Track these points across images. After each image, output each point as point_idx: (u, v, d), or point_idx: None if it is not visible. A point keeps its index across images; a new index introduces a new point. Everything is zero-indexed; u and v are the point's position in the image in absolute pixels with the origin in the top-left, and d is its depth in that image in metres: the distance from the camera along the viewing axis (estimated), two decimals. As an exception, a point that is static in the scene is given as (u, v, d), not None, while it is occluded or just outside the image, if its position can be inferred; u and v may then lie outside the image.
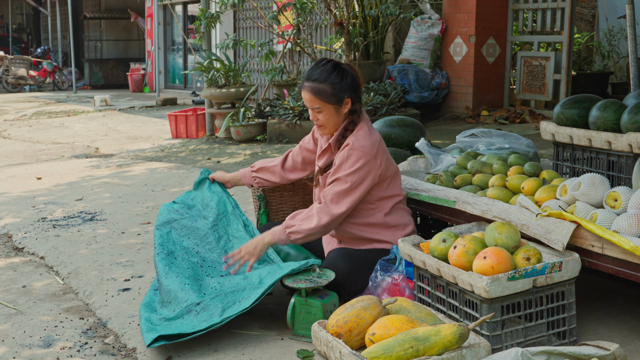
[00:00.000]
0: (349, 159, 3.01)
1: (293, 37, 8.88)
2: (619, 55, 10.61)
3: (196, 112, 9.53)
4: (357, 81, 3.12)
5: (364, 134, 3.07)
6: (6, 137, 10.18)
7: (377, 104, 7.88)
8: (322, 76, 3.05)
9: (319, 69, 3.07)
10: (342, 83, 3.05)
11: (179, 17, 16.21)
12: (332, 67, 3.07)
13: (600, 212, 2.73)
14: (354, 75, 3.11)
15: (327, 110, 3.06)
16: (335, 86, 3.04)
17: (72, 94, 17.64)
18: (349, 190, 3.02)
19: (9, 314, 3.28)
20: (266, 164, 3.48)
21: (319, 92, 3.03)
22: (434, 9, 9.26)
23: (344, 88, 3.05)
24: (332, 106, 3.06)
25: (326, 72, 3.05)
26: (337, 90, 3.04)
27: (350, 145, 3.03)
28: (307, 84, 3.06)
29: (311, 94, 3.05)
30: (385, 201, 3.15)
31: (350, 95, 3.08)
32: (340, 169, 3.03)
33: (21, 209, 5.36)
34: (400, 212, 3.20)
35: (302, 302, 2.80)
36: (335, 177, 3.04)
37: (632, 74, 5.54)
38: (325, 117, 3.08)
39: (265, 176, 3.48)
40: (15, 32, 26.56)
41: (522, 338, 2.53)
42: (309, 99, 3.07)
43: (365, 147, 3.02)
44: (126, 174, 6.81)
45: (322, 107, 3.06)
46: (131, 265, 3.88)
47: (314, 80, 3.05)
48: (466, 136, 3.92)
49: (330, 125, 3.11)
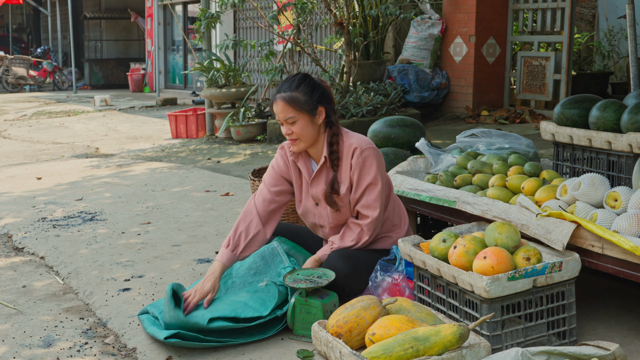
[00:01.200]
0: (367, 160, 3.02)
1: (293, 37, 8.88)
2: (619, 55, 10.61)
3: (196, 112, 9.53)
4: (329, 93, 3.09)
5: (356, 135, 3.09)
6: (6, 137, 10.18)
7: (377, 104, 7.88)
8: (293, 85, 3.01)
9: (289, 80, 3.04)
10: (315, 92, 3.02)
11: (179, 17, 16.21)
12: (302, 77, 3.05)
13: (600, 212, 2.73)
14: (325, 87, 3.08)
15: (302, 119, 3.00)
16: (307, 93, 3.00)
17: (72, 94, 17.64)
18: (382, 188, 3.05)
19: (9, 314, 3.28)
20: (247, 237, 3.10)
21: (292, 100, 2.98)
22: (434, 9, 9.25)
23: (317, 97, 3.02)
24: (307, 115, 3.00)
25: (297, 82, 3.02)
26: (309, 98, 3.00)
27: (358, 147, 3.02)
28: (278, 95, 3.01)
29: (284, 103, 2.99)
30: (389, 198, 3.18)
31: (324, 105, 3.04)
32: (364, 174, 3.02)
33: (21, 209, 5.36)
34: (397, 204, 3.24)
35: (302, 302, 2.80)
36: (366, 185, 3.03)
37: (632, 74, 5.54)
38: (299, 128, 3.00)
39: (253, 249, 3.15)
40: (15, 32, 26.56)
41: (522, 338, 2.53)
42: (281, 110, 3.00)
43: (369, 143, 3.06)
44: (126, 174, 6.81)
45: (296, 117, 2.99)
46: (131, 265, 3.88)
47: (285, 90, 3.01)
48: (466, 136, 3.92)
49: (306, 138, 3.03)
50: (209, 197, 5.54)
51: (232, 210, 5.04)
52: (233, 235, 3.11)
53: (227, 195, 5.59)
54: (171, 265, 3.84)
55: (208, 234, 4.44)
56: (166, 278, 3.62)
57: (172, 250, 4.13)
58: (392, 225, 3.18)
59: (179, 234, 4.49)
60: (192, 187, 5.97)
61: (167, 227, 4.67)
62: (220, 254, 3.09)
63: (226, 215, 4.90)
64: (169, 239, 4.38)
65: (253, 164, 6.91)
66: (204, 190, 5.83)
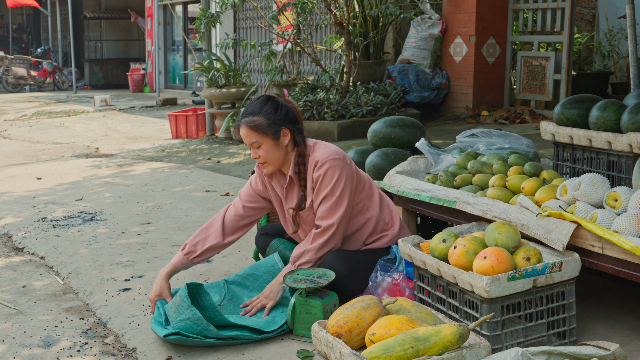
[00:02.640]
0: (327, 174, 2.98)
1: (293, 37, 8.88)
2: (619, 55, 10.61)
3: (196, 112, 9.53)
4: (295, 113, 3.07)
5: (322, 147, 3.05)
6: (6, 137, 10.18)
7: (377, 104, 7.88)
8: (256, 109, 3.00)
9: (252, 104, 3.03)
10: (277, 114, 3.00)
11: (179, 17, 16.21)
12: (264, 100, 3.03)
13: (601, 212, 2.73)
14: (289, 107, 3.06)
15: (266, 143, 2.99)
16: (269, 117, 2.98)
17: (72, 94, 17.64)
18: (337, 200, 3.00)
19: (9, 314, 3.28)
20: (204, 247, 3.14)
21: (254, 125, 2.97)
22: (434, 9, 9.25)
23: (279, 119, 3.00)
24: (270, 138, 2.99)
25: (259, 105, 3.01)
26: (272, 122, 2.98)
27: (319, 161, 2.99)
28: (242, 120, 3.01)
29: (247, 128, 2.98)
30: (373, 197, 3.17)
31: (288, 126, 3.02)
32: (321, 187, 3.00)
33: (21, 209, 5.36)
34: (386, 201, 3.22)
35: (303, 302, 2.80)
36: (322, 197, 3.00)
37: (632, 74, 5.54)
38: (264, 152, 3.00)
39: (207, 256, 3.20)
40: (16, 32, 26.56)
41: (522, 338, 2.53)
42: (245, 134, 3.00)
43: (331, 155, 3.00)
44: (126, 173, 6.81)
45: (260, 141, 2.99)
46: (131, 265, 3.88)
47: (247, 115, 3.00)
48: (466, 136, 3.92)
49: (273, 161, 3.03)
50: (209, 197, 5.54)
51: (232, 210, 5.03)
52: (191, 241, 3.16)
53: (227, 195, 5.59)
54: (171, 265, 3.84)
55: (208, 234, 4.44)
56: (166, 278, 3.61)
57: (172, 250, 4.13)
58: (385, 224, 3.17)
59: (179, 234, 4.49)
60: (193, 187, 5.97)
61: (167, 227, 4.67)
62: (175, 256, 3.16)
63: (226, 215, 4.89)
64: (169, 239, 4.38)
65: (253, 164, 6.91)
66: (204, 190, 5.83)
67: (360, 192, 3.11)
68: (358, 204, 3.10)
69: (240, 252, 4.02)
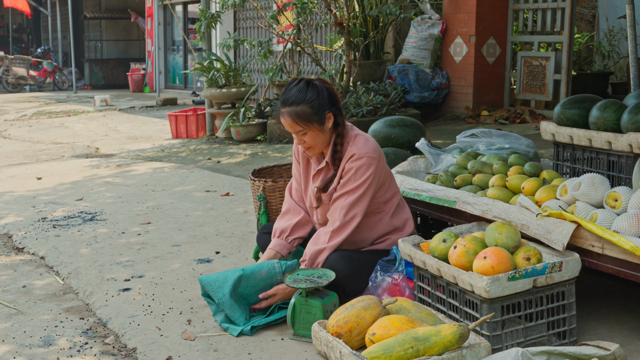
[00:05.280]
0: (360, 169, 2.99)
1: (293, 37, 8.88)
2: (619, 55, 10.61)
3: (196, 112, 9.53)
4: (333, 93, 3.06)
5: (362, 140, 3.04)
6: (6, 137, 10.18)
7: (377, 104, 7.88)
8: (299, 97, 2.97)
9: (293, 90, 2.99)
10: (319, 99, 2.98)
11: (179, 17, 16.21)
12: (304, 86, 2.99)
13: (601, 212, 2.73)
14: (328, 88, 3.05)
15: (312, 130, 2.99)
16: (313, 104, 2.96)
17: (72, 94, 17.64)
18: (360, 197, 3.01)
19: (9, 313, 3.28)
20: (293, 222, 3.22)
21: (299, 115, 2.96)
22: (434, 9, 9.25)
23: (323, 104, 2.99)
24: (316, 125, 2.98)
25: (300, 92, 2.97)
26: (316, 109, 2.97)
27: (356, 155, 2.99)
28: (284, 109, 2.98)
29: (291, 119, 2.97)
30: (390, 202, 3.16)
31: (331, 109, 3.01)
32: (350, 180, 3.01)
33: (21, 209, 5.36)
34: (402, 208, 3.23)
35: (303, 302, 2.80)
36: (347, 190, 3.01)
37: (632, 74, 5.54)
38: (311, 138, 3.01)
39: (302, 233, 3.25)
40: (16, 32, 26.56)
41: (522, 338, 2.53)
42: (289, 124, 2.98)
43: (370, 152, 3.01)
44: (126, 173, 6.81)
45: (305, 129, 2.98)
46: (131, 265, 3.88)
47: (290, 104, 2.97)
48: (466, 136, 3.92)
49: (319, 145, 3.05)
50: (209, 197, 5.54)
51: (232, 210, 5.04)
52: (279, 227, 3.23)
53: (227, 195, 5.59)
54: (171, 265, 3.84)
55: (208, 234, 4.44)
56: (166, 278, 3.62)
57: (172, 250, 4.13)
58: (395, 228, 3.18)
59: (179, 234, 4.49)
60: (193, 187, 5.97)
61: (167, 227, 4.67)
62: (270, 244, 3.21)
63: (226, 215, 4.89)
64: (169, 239, 4.38)
65: (253, 164, 6.91)
66: (204, 190, 5.83)
67: (380, 195, 3.12)
68: (371, 205, 3.11)
69: (240, 252, 4.02)
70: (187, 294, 3.37)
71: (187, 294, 3.37)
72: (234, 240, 4.29)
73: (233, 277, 2.94)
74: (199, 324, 3.01)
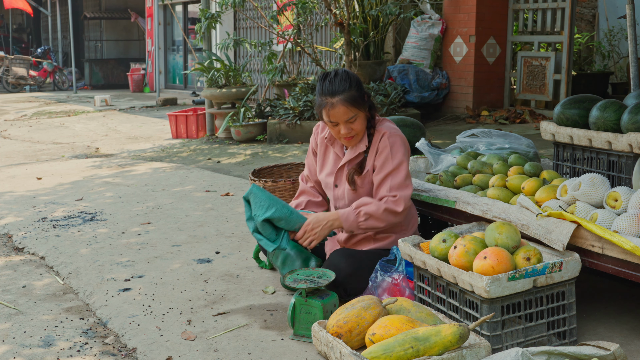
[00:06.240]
0: (394, 146, 3.05)
1: (293, 37, 8.88)
2: (619, 55, 10.61)
3: (196, 112, 9.54)
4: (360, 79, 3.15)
5: (387, 122, 3.15)
6: (6, 137, 10.18)
7: (378, 104, 7.88)
8: (346, 85, 3.01)
9: (337, 81, 3.02)
10: (359, 84, 3.07)
11: (179, 17, 16.22)
12: (345, 74, 3.05)
13: (601, 212, 2.73)
14: (354, 74, 3.13)
15: (360, 115, 3.05)
16: (359, 88, 3.05)
17: (72, 94, 17.64)
18: (407, 173, 3.06)
19: (9, 314, 3.28)
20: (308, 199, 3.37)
21: (352, 101, 3.00)
22: (434, 9, 9.26)
23: (362, 88, 3.07)
24: (363, 109, 3.06)
25: (346, 81, 3.02)
26: (361, 92, 3.05)
27: (387, 132, 3.06)
28: (336, 99, 2.99)
29: (346, 106, 2.99)
30: None
31: (367, 92, 3.11)
32: (390, 158, 3.04)
33: (21, 209, 5.36)
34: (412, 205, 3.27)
35: (303, 302, 2.80)
36: (391, 169, 3.03)
37: (632, 74, 5.54)
38: (359, 124, 3.06)
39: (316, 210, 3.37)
40: (16, 32, 26.56)
41: (522, 338, 2.53)
42: (344, 112, 3.00)
43: (399, 130, 3.11)
44: (127, 174, 6.81)
45: (356, 115, 3.03)
46: (131, 265, 3.88)
47: (341, 93, 3.00)
48: (466, 136, 3.92)
49: (362, 130, 3.10)
50: (209, 197, 5.54)
51: (232, 210, 5.04)
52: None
53: (227, 195, 5.59)
54: (171, 265, 3.84)
55: (208, 234, 4.44)
56: (166, 278, 3.62)
57: (172, 250, 4.13)
58: (402, 223, 3.18)
59: (179, 234, 4.49)
60: (193, 187, 5.97)
61: (167, 227, 4.67)
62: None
63: (226, 215, 4.90)
64: (169, 239, 4.38)
65: (253, 164, 6.91)
66: (205, 190, 5.83)
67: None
68: None
69: (240, 252, 4.02)
70: (187, 294, 3.37)
71: (187, 294, 3.37)
72: (234, 240, 4.29)
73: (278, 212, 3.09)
74: (199, 324, 3.01)
